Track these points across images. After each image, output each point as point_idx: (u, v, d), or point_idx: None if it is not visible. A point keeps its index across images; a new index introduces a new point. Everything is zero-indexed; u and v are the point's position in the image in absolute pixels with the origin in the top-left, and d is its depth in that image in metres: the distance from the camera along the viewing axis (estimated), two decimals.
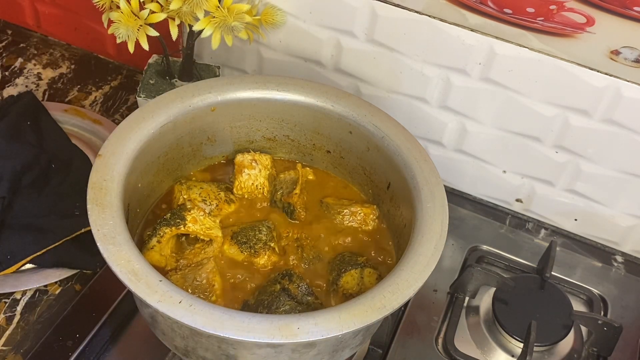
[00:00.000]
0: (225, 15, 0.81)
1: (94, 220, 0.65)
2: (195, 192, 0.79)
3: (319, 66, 0.94)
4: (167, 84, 0.91)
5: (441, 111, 0.91)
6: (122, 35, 0.80)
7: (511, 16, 0.79)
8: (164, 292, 0.61)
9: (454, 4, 0.81)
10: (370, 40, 0.88)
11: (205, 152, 0.84)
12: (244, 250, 0.76)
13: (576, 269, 0.93)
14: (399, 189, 0.78)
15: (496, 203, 0.98)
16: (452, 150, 0.95)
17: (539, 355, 0.82)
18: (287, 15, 0.90)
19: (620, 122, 0.83)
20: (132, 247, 0.64)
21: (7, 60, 1.11)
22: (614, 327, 0.82)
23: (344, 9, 0.86)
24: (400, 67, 0.89)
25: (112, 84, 1.10)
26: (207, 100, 0.80)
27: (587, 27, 0.77)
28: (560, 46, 0.79)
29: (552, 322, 0.83)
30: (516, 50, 0.81)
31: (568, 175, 0.90)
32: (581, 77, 0.80)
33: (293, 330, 0.60)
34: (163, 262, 0.74)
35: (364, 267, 0.75)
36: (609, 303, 0.89)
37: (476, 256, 0.92)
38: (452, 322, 0.84)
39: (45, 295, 0.82)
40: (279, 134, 0.86)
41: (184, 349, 0.69)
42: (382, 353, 0.81)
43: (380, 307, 0.63)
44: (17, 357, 0.77)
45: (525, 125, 0.88)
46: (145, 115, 0.76)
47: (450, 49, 0.84)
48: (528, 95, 0.85)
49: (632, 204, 0.90)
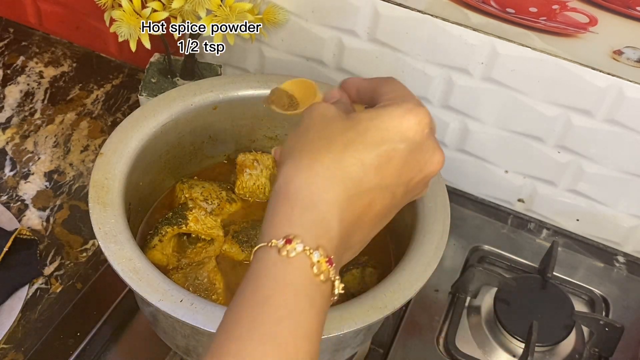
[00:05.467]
0: (227, 14, 0.81)
1: (95, 219, 0.65)
2: (197, 192, 0.79)
3: (321, 65, 0.94)
4: (169, 83, 0.91)
5: (443, 111, 0.91)
6: (124, 33, 0.80)
7: (514, 16, 0.79)
8: (165, 291, 0.61)
9: (456, 3, 0.81)
10: (373, 39, 0.88)
11: (206, 151, 0.84)
12: (245, 249, 0.76)
13: (578, 269, 0.92)
14: None
15: (498, 203, 0.98)
16: (454, 150, 0.95)
17: (540, 356, 0.82)
18: (289, 14, 0.90)
19: (622, 122, 0.83)
20: (134, 245, 0.64)
21: (9, 58, 1.11)
22: (615, 327, 0.82)
23: (346, 8, 0.86)
24: (402, 67, 0.89)
25: (114, 82, 1.09)
26: (208, 99, 0.80)
27: (589, 27, 0.77)
28: (562, 46, 0.79)
29: (553, 322, 0.83)
30: (518, 50, 0.81)
31: (570, 176, 0.90)
32: (584, 77, 0.80)
33: None
34: (164, 261, 0.74)
35: (365, 267, 0.75)
36: (610, 303, 0.89)
37: (478, 256, 0.92)
38: (454, 322, 0.84)
39: (47, 294, 0.82)
40: (281, 133, 0.85)
41: (185, 348, 0.69)
42: (383, 353, 0.81)
43: (381, 307, 0.63)
44: (18, 355, 0.77)
45: (527, 125, 0.88)
46: (147, 114, 0.76)
47: (452, 48, 0.84)
48: (530, 95, 0.85)
49: (635, 204, 0.90)
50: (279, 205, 0.48)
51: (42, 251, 0.86)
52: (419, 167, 0.51)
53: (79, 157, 0.98)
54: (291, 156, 0.49)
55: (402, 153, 0.49)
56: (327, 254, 0.46)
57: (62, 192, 0.93)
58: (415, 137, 0.50)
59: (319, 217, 0.47)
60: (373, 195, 0.49)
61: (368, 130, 0.49)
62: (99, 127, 1.02)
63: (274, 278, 0.46)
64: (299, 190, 0.47)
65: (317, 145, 0.49)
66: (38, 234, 0.88)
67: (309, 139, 0.50)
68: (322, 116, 0.51)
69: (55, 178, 0.95)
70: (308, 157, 0.48)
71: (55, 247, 0.87)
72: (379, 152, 0.49)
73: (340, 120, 0.50)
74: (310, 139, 0.50)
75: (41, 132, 1.01)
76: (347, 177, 0.48)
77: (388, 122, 0.49)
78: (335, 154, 0.48)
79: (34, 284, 0.83)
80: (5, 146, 0.98)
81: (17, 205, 0.91)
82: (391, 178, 0.49)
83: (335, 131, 0.49)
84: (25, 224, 0.89)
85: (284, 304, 0.45)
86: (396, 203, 0.51)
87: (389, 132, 0.49)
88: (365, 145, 0.48)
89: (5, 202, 0.91)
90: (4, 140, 0.99)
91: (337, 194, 0.47)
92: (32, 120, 1.02)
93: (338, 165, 0.48)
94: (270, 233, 0.47)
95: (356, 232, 0.49)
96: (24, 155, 0.97)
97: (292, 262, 0.45)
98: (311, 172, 0.48)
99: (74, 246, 0.87)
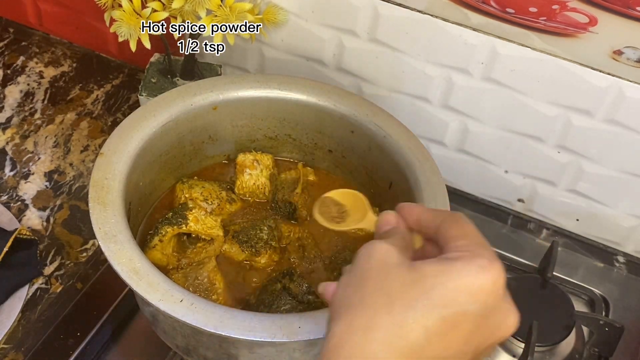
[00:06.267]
0: (227, 14, 0.81)
1: (95, 219, 0.65)
2: (197, 192, 0.79)
3: (320, 65, 0.94)
4: (169, 83, 0.91)
5: (443, 111, 0.91)
6: (124, 33, 0.80)
7: (514, 16, 0.79)
8: (165, 291, 0.61)
9: (456, 4, 0.81)
10: (373, 39, 0.88)
11: (206, 151, 0.84)
12: (245, 249, 0.76)
13: (578, 269, 0.92)
14: (401, 188, 0.77)
15: (498, 203, 0.98)
16: (454, 150, 0.95)
17: (540, 356, 0.82)
18: (289, 14, 0.90)
19: (622, 123, 0.83)
20: (134, 245, 0.64)
21: (9, 58, 1.11)
22: (615, 327, 0.82)
23: (346, 8, 0.86)
24: (402, 67, 0.89)
25: (114, 82, 1.09)
26: (208, 99, 0.80)
27: (589, 27, 0.77)
28: (562, 46, 0.79)
29: (553, 322, 0.83)
30: (518, 50, 0.81)
31: (570, 176, 0.90)
32: (584, 77, 0.80)
33: (294, 329, 0.60)
34: (164, 261, 0.74)
35: None
36: (610, 303, 0.89)
37: None
38: None
39: (47, 294, 0.82)
40: (281, 133, 0.86)
41: (185, 348, 0.69)
42: None
43: None
44: (18, 355, 0.77)
45: (527, 125, 0.88)
46: (147, 114, 0.76)
47: (452, 48, 0.84)
48: (530, 95, 0.85)
49: (634, 204, 0.90)
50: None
51: (42, 251, 0.86)
52: (489, 332, 0.45)
53: (79, 157, 0.98)
54: (346, 310, 0.44)
55: (472, 318, 0.43)
56: None
57: (62, 192, 0.93)
58: (488, 299, 0.43)
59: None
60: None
61: (434, 288, 0.43)
62: (99, 127, 1.02)
63: None
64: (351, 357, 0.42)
65: (376, 302, 0.43)
66: (38, 234, 0.88)
67: (367, 292, 0.44)
68: (382, 263, 0.45)
69: (56, 178, 0.95)
70: (365, 315, 0.43)
71: (55, 247, 0.87)
72: (445, 316, 0.42)
73: (403, 272, 0.44)
74: (368, 292, 0.44)
75: (41, 132, 1.01)
76: (407, 345, 0.42)
77: (457, 281, 0.43)
78: (396, 316, 0.42)
79: (34, 284, 0.83)
80: (5, 146, 0.98)
81: (17, 205, 0.91)
82: (458, 347, 0.43)
83: (397, 286, 0.43)
84: (25, 224, 0.89)
85: None
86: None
87: (458, 293, 0.43)
88: (430, 308, 0.42)
89: (5, 202, 0.91)
90: (4, 140, 0.99)
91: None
92: (32, 120, 1.02)
93: (398, 332, 0.42)
94: None
95: None
96: (24, 155, 0.97)
97: None
98: (367, 336, 0.42)
99: (74, 246, 0.88)
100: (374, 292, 0.44)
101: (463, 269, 0.43)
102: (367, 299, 0.44)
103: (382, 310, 0.43)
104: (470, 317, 0.43)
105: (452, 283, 0.43)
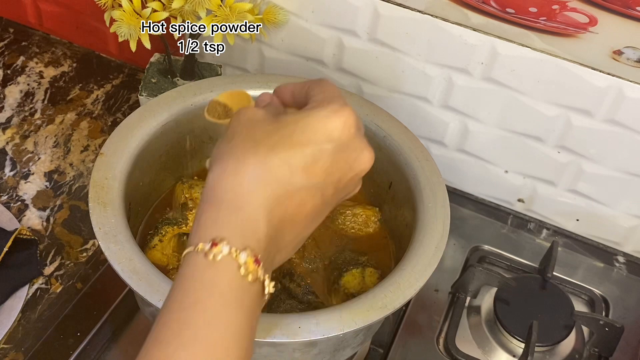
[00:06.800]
0: (227, 14, 0.81)
1: (95, 219, 0.65)
2: (197, 192, 0.79)
3: (321, 65, 0.94)
4: (169, 83, 0.91)
5: (443, 111, 0.91)
6: (124, 33, 0.80)
7: (514, 16, 0.79)
8: (165, 291, 0.61)
9: (456, 4, 0.81)
10: (373, 39, 0.88)
11: (206, 151, 0.84)
12: None
13: (578, 269, 0.92)
14: (401, 188, 0.77)
15: (498, 203, 0.98)
16: (454, 150, 0.95)
17: (541, 356, 0.82)
18: (289, 14, 0.90)
19: (622, 123, 0.83)
20: (134, 245, 0.64)
21: (9, 58, 1.11)
22: (615, 327, 0.82)
23: (346, 8, 0.86)
24: (402, 67, 0.89)
25: (114, 82, 1.09)
26: (208, 99, 0.79)
27: (589, 27, 0.77)
28: (562, 46, 0.79)
29: (553, 322, 0.83)
30: (518, 50, 0.81)
31: (570, 176, 0.90)
32: (583, 77, 0.80)
33: (294, 329, 0.60)
34: (165, 261, 0.74)
35: (365, 267, 0.75)
36: (610, 303, 0.89)
37: (478, 256, 0.92)
38: (454, 322, 0.84)
39: (47, 294, 0.82)
40: None
41: None
42: (383, 353, 0.81)
43: (381, 307, 0.63)
44: (18, 355, 0.77)
45: (527, 125, 0.88)
46: (147, 114, 0.76)
47: (452, 48, 0.84)
48: (530, 95, 0.85)
49: (634, 204, 0.90)
50: (205, 209, 0.48)
51: (42, 251, 0.86)
52: (347, 167, 0.51)
53: (79, 157, 0.98)
54: (218, 161, 0.49)
55: (329, 153, 0.50)
56: (254, 254, 0.46)
57: (62, 192, 0.93)
58: (341, 137, 0.50)
59: (246, 219, 0.47)
60: (301, 196, 0.49)
61: (294, 132, 0.49)
62: (99, 127, 1.02)
63: (201, 282, 0.46)
64: (225, 194, 0.48)
65: (243, 148, 0.49)
66: (38, 234, 0.88)
67: (235, 143, 0.50)
68: (249, 120, 0.51)
69: (55, 178, 0.95)
70: (234, 160, 0.49)
71: (55, 247, 0.87)
72: (305, 153, 0.49)
73: (267, 123, 0.51)
74: (236, 143, 0.50)
75: (41, 132, 1.01)
76: (274, 179, 0.48)
77: (314, 124, 0.50)
78: (261, 156, 0.48)
79: (34, 284, 0.83)
80: (5, 146, 0.98)
81: (17, 205, 0.91)
82: (319, 178, 0.50)
83: (262, 134, 0.50)
84: (25, 224, 0.89)
85: (211, 307, 0.45)
86: (327, 202, 0.52)
87: (315, 133, 0.50)
88: (291, 147, 0.49)
89: (5, 202, 0.91)
90: (4, 140, 0.99)
91: (264, 195, 0.48)
92: (32, 120, 1.02)
93: (264, 167, 0.48)
94: (197, 237, 0.47)
95: (287, 232, 0.50)
96: (24, 155, 0.97)
97: (218, 265, 0.46)
98: (237, 175, 0.48)
99: (74, 246, 0.88)
100: (241, 142, 0.50)
101: (318, 114, 0.50)
102: (235, 148, 0.49)
103: (249, 153, 0.49)
104: (327, 152, 0.50)
105: (310, 126, 0.50)
